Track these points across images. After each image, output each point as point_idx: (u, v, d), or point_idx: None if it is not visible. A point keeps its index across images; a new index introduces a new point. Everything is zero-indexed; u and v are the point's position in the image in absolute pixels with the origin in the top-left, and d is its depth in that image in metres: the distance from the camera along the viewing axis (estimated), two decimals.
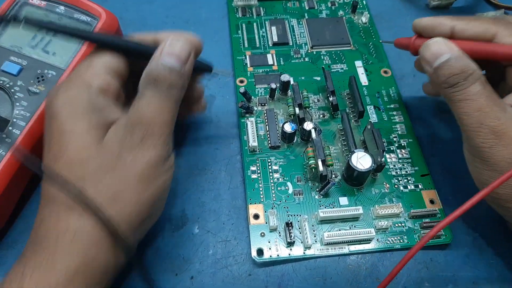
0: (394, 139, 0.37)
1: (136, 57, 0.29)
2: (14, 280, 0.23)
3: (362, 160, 0.32)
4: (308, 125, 0.34)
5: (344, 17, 0.45)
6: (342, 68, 0.41)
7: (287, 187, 0.34)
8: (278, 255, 0.31)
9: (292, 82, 0.38)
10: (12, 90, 0.32)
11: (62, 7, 0.35)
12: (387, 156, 0.36)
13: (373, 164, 0.32)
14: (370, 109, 0.39)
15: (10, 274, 0.24)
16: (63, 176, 0.24)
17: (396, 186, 0.34)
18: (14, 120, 0.31)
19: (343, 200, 0.33)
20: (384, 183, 0.34)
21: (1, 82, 0.32)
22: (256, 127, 0.36)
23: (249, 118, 0.37)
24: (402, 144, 0.37)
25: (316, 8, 0.46)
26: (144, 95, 0.27)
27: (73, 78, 0.28)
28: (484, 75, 0.29)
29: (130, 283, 0.30)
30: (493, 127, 0.27)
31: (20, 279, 0.23)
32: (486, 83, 0.28)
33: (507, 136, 0.27)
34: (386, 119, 0.38)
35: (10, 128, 0.31)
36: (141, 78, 0.27)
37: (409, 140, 0.37)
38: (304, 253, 0.31)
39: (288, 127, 0.35)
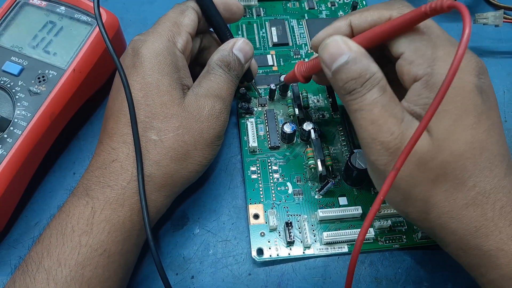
0: None
1: (212, 27, 0.34)
2: (82, 215, 0.25)
3: (361, 160, 0.32)
4: (307, 126, 0.35)
5: None
6: None
7: (286, 187, 0.34)
8: (278, 255, 0.31)
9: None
10: (13, 90, 0.32)
11: (62, 8, 0.35)
12: None
13: None
14: None
15: (73, 211, 0.26)
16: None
17: None
18: (15, 120, 0.31)
19: (343, 200, 0.34)
20: None
21: (2, 82, 0.32)
22: (256, 128, 0.37)
23: (249, 119, 0.37)
24: None
25: (316, 8, 0.46)
26: (217, 73, 0.31)
27: (161, 32, 0.30)
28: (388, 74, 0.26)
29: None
30: (386, 143, 0.24)
31: (90, 213, 0.25)
32: (385, 87, 0.25)
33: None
34: None
35: (11, 128, 0.31)
36: (214, 58, 0.31)
37: None
38: (303, 252, 0.31)
39: (287, 128, 0.35)
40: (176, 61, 0.30)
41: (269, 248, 0.31)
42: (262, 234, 0.32)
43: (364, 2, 0.47)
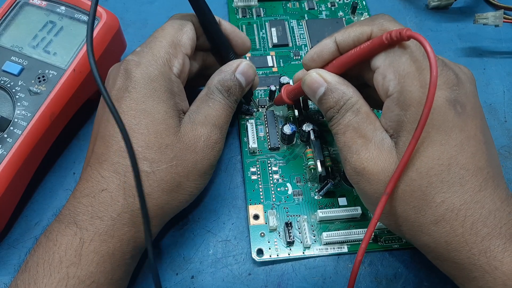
0: None
1: (213, 48, 0.33)
2: (70, 246, 0.25)
3: None
4: (307, 127, 0.35)
5: (344, 18, 0.45)
6: None
7: (286, 188, 0.34)
8: (277, 255, 0.31)
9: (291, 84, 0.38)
10: (13, 90, 0.32)
11: (62, 7, 0.35)
12: None
13: None
14: None
15: (61, 240, 0.25)
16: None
17: None
18: (15, 120, 0.31)
19: (342, 201, 0.34)
20: None
21: (2, 82, 0.32)
22: (256, 129, 0.37)
23: (249, 120, 0.37)
24: None
25: (316, 9, 0.46)
26: (216, 99, 0.30)
27: (156, 53, 0.28)
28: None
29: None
30: (353, 163, 0.26)
31: (79, 244, 0.25)
32: (360, 109, 0.27)
33: (367, 171, 0.25)
34: None
35: (11, 128, 0.31)
36: (214, 81, 0.30)
37: None
38: (303, 253, 0.31)
39: (287, 129, 0.35)
40: (171, 87, 0.28)
41: (269, 249, 0.31)
42: (262, 234, 0.32)
43: (363, 2, 0.47)
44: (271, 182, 0.34)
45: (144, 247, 0.28)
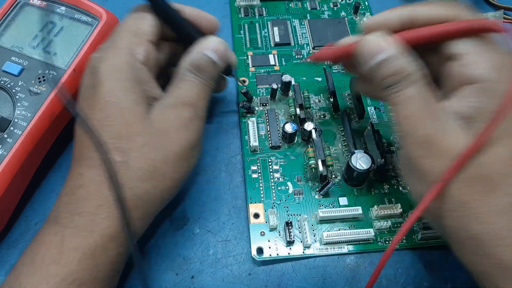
0: (395, 139, 0.37)
1: (179, 36, 0.32)
2: (52, 244, 0.25)
3: (361, 161, 0.32)
4: (308, 126, 0.35)
5: (346, 18, 0.45)
6: (343, 69, 0.41)
7: (287, 187, 0.34)
8: (277, 254, 0.31)
9: (293, 83, 0.38)
10: (14, 90, 0.32)
11: (62, 8, 0.35)
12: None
13: (373, 165, 0.32)
14: (371, 110, 0.39)
15: (43, 239, 0.25)
16: (99, 136, 0.25)
17: (395, 186, 0.34)
18: (16, 120, 0.31)
19: (343, 200, 0.34)
20: (384, 184, 0.34)
21: (3, 82, 0.32)
22: (257, 127, 0.37)
23: (250, 118, 0.37)
24: None
25: (318, 9, 0.46)
26: (186, 79, 0.29)
27: (119, 44, 0.28)
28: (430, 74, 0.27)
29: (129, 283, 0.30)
30: (420, 137, 0.25)
31: (60, 242, 0.24)
32: (424, 86, 0.25)
33: (437, 146, 0.24)
34: (386, 120, 0.38)
35: (12, 128, 0.31)
36: (183, 63, 0.29)
37: None
38: (303, 252, 0.31)
39: (288, 127, 0.35)
40: (138, 75, 0.28)
41: (269, 248, 0.31)
42: (262, 233, 0.32)
43: (366, 2, 0.47)
44: (272, 180, 0.34)
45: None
